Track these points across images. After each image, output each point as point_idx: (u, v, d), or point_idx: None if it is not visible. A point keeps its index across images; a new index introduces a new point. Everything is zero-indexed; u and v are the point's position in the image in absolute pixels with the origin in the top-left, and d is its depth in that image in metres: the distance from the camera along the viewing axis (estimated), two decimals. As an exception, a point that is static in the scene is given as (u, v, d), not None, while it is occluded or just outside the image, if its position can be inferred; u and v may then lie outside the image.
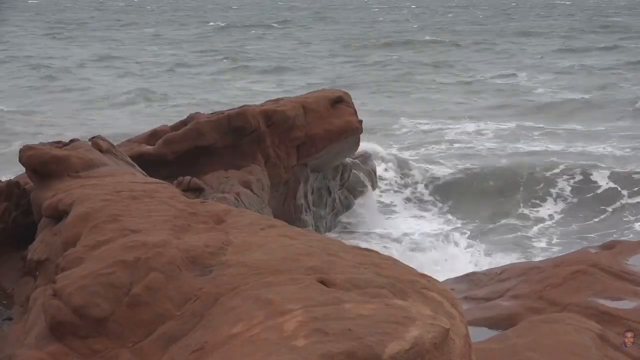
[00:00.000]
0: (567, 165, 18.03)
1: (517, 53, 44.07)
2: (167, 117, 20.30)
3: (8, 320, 5.93)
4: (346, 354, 2.95)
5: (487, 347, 5.69)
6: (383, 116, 25.88)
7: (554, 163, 18.30)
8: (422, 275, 4.17)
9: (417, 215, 16.55)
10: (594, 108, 27.01)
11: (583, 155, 19.57)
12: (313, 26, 64.40)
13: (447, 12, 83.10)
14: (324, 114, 13.72)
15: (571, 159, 18.92)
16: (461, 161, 19.49)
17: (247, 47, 48.32)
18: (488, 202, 16.99)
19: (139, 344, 3.85)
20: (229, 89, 32.90)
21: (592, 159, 19.09)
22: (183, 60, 41.71)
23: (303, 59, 42.57)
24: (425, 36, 53.27)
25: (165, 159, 11.89)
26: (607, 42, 46.86)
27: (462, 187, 17.65)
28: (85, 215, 5.41)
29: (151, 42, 51.75)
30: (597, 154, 19.79)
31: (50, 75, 35.26)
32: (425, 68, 38.83)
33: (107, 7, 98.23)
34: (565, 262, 7.86)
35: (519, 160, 19.09)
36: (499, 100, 29.52)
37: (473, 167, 18.73)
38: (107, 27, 64.53)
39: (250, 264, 4.21)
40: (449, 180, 17.93)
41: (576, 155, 19.67)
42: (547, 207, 16.37)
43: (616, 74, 34.94)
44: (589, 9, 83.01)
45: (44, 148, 7.55)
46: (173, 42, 51.35)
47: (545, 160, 18.67)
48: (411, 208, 16.95)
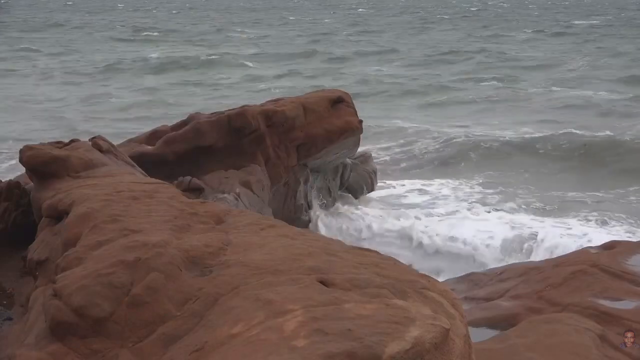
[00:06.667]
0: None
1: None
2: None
3: (8, 320, 5.93)
4: (346, 354, 2.95)
5: (487, 347, 5.69)
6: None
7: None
8: (422, 276, 4.17)
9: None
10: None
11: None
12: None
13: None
14: (324, 114, 13.72)
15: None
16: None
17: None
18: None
19: (139, 344, 3.84)
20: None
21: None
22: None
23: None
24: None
25: (165, 159, 11.90)
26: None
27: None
28: (86, 215, 5.40)
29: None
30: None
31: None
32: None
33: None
34: (565, 262, 7.86)
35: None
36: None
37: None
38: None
39: (250, 264, 4.20)
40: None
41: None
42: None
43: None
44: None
45: (44, 148, 7.55)
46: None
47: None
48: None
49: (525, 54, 46.08)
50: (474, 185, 18.76)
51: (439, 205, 16.95)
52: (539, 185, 18.42)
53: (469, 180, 19.30)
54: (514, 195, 17.79)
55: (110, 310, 3.97)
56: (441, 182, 19.09)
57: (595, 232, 14.45)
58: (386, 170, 19.43)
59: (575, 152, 20.74)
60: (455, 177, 19.58)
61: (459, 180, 19.30)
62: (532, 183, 18.64)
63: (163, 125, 13.79)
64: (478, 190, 18.33)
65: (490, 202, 17.33)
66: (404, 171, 20.24)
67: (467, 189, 18.47)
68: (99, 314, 3.96)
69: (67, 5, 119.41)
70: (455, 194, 18.04)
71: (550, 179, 19.00)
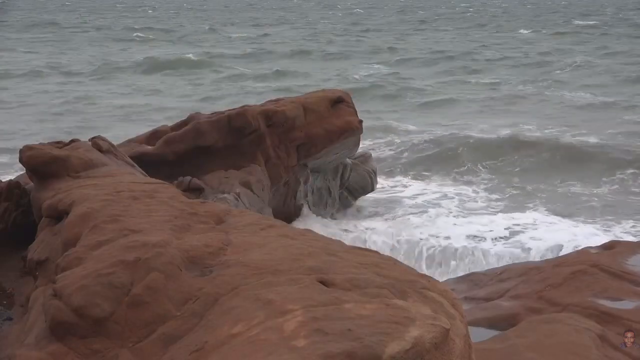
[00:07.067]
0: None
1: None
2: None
3: (8, 320, 5.93)
4: (346, 354, 2.95)
5: (487, 347, 5.69)
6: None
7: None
8: (422, 276, 4.16)
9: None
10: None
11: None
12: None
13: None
14: (324, 114, 13.71)
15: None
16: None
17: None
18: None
19: (139, 344, 3.84)
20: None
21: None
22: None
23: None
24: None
25: (165, 159, 11.89)
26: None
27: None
28: (85, 215, 5.40)
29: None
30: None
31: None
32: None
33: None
34: (565, 262, 7.85)
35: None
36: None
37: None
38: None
39: (250, 264, 4.20)
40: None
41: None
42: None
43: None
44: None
45: (44, 148, 7.54)
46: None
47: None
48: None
49: (523, 53, 46.13)
50: (474, 186, 18.78)
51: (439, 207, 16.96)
52: (539, 185, 18.46)
53: (470, 179, 19.34)
54: (514, 195, 17.84)
55: (110, 310, 3.97)
56: (441, 182, 19.10)
57: (597, 230, 14.61)
58: (383, 169, 19.44)
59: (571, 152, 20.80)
60: (455, 177, 19.60)
61: (458, 180, 19.32)
62: (532, 183, 18.67)
63: (163, 125, 13.78)
64: (478, 191, 18.35)
65: (490, 202, 17.35)
66: (402, 171, 20.25)
67: (467, 190, 18.49)
68: (99, 314, 3.95)
69: (65, 5, 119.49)
70: (455, 194, 18.05)
71: (550, 179, 19.03)
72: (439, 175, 19.77)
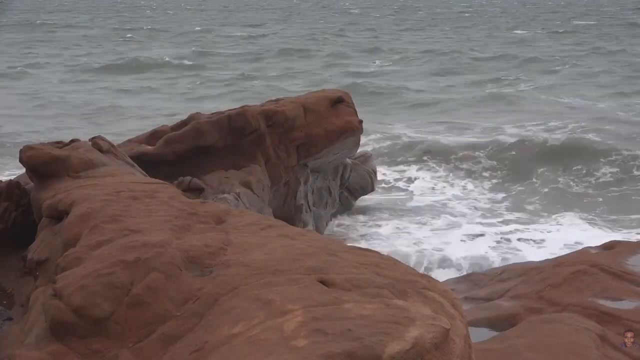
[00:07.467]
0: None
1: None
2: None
3: (8, 320, 5.93)
4: (346, 354, 2.95)
5: (487, 347, 5.69)
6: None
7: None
8: (422, 276, 4.16)
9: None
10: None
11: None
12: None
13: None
14: (324, 114, 13.70)
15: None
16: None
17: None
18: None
19: (139, 344, 3.84)
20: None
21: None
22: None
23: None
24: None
25: (165, 159, 11.88)
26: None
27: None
28: (86, 215, 5.40)
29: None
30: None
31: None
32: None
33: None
34: (565, 262, 7.86)
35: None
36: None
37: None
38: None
39: (250, 264, 4.20)
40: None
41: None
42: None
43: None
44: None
45: (44, 148, 7.54)
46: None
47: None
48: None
49: (521, 53, 46.14)
50: (474, 186, 18.79)
51: (439, 207, 16.97)
52: (540, 185, 18.47)
53: (470, 179, 19.35)
54: (514, 195, 17.85)
55: (110, 311, 3.97)
56: (440, 182, 19.11)
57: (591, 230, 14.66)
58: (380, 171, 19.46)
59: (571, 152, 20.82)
60: (455, 177, 19.61)
61: (458, 180, 19.33)
62: (532, 183, 18.68)
63: (163, 125, 13.77)
64: (477, 191, 18.35)
65: (490, 203, 17.36)
66: (399, 171, 20.27)
67: (467, 189, 18.51)
68: (99, 314, 3.95)
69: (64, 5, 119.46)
70: (455, 194, 18.08)
71: (550, 178, 19.04)
72: (437, 175, 19.78)
